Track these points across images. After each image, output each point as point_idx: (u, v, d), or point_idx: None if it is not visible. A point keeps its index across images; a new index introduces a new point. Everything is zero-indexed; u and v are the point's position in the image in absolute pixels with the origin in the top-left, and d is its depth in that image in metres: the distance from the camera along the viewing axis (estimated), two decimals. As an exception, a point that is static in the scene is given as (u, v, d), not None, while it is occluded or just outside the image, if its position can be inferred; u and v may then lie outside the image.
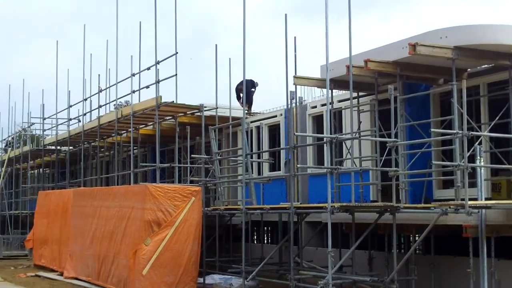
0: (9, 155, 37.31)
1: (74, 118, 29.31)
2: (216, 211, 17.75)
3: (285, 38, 15.16)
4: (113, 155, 28.16)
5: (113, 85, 23.69)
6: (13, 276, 20.66)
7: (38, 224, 25.04)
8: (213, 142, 18.54)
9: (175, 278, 15.77)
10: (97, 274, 18.11)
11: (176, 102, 19.65)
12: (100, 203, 18.95)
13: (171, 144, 22.69)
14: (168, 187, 16.51)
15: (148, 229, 15.78)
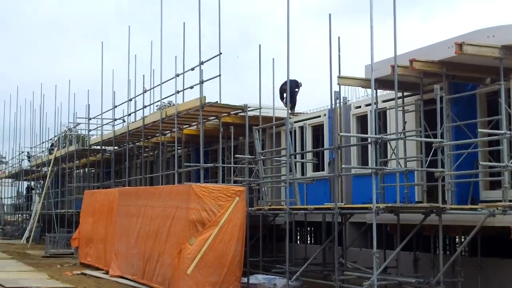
0: (55, 155, 37.87)
1: (119, 118, 29.73)
2: (260, 211, 17.76)
3: (329, 38, 15.10)
4: (157, 155, 28.38)
5: (157, 85, 23.94)
6: (60, 274, 20.93)
7: (83, 223, 25.32)
8: (257, 142, 18.55)
9: (219, 277, 15.81)
10: (142, 273, 18.26)
11: (220, 103, 19.75)
12: (145, 202, 19.12)
13: (215, 144, 22.81)
14: (213, 187, 16.57)
15: (192, 229, 15.85)
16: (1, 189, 55.19)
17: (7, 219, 51.53)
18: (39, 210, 38.52)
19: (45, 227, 37.98)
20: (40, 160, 42.39)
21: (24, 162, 47.61)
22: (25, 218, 46.79)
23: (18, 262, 25.39)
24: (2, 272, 21.12)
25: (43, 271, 21.99)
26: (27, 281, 18.88)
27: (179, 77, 21.87)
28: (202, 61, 20.08)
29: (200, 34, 20.15)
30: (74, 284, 18.43)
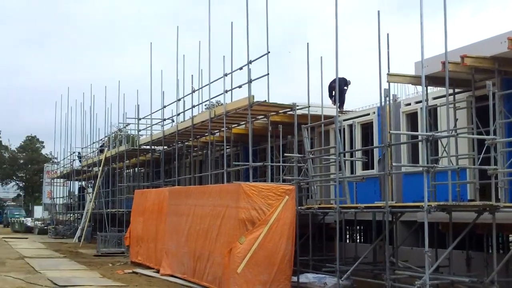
0: (106, 155, 38.37)
1: (168, 118, 29.99)
2: (309, 210, 17.71)
3: (378, 35, 14.99)
4: (206, 154, 28.54)
5: (206, 85, 24.05)
6: (112, 273, 21.20)
7: (134, 222, 25.58)
8: (305, 140, 18.50)
9: (269, 276, 15.82)
10: (192, 271, 18.38)
11: (268, 101, 19.76)
12: (195, 201, 19.23)
13: (263, 143, 22.84)
14: (262, 185, 16.58)
15: (242, 228, 15.90)
16: (53, 189, 56.14)
17: (59, 219, 52.34)
18: (90, 210, 39.09)
19: (96, 226, 38.55)
20: (91, 160, 43.00)
21: (75, 162, 48.39)
22: (76, 217, 47.51)
23: (70, 261, 25.79)
24: (55, 271, 21.48)
25: (95, 269, 22.31)
26: (79, 279, 19.17)
27: (227, 76, 21.97)
28: (250, 60, 20.14)
29: (248, 33, 20.21)
30: (125, 283, 18.64)
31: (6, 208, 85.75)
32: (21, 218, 62.62)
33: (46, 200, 61.40)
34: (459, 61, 13.59)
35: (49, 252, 30.37)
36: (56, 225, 49.14)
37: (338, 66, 16.25)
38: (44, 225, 52.29)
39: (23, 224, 55.41)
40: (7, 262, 24.98)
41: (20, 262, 24.96)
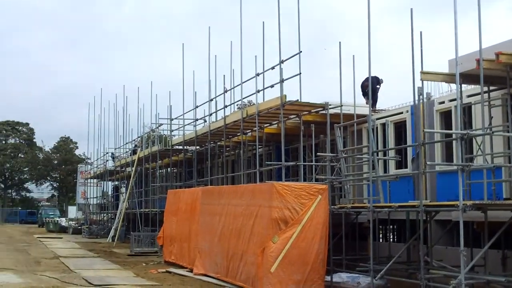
0: (139, 155, 38.62)
1: (200, 119, 30.09)
2: (342, 209, 17.65)
3: (411, 33, 14.88)
4: (238, 154, 28.59)
5: (238, 85, 24.08)
6: (145, 272, 21.35)
7: (167, 222, 25.71)
8: (338, 140, 18.45)
9: (302, 276, 15.81)
10: (225, 271, 18.42)
11: (301, 101, 19.72)
12: (227, 201, 19.27)
13: (295, 142, 22.79)
14: (295, 185, 16.56)
15: (275, 227, 15.91)
16: (86, 189, 56.66)
17: (93, 219, 52.82)
18: (124, 210, 39.38)
19: (129, 226, 38.82)
20: (124, 161, 43.31)
21: (108, 162, 48.77)
22: (110, 217, 47.89)
23: (104, 260, 26.03)
24: (90, 270, 21.70)
25: (129, 269, 22.49)
26: (114, 279, 19.35)
27: (259, 76, 21.98)
28: (282, 59, 20.12)
29: (280, 33, 20.21)
30: (159, 282, 18.76)
31: (41, 208, 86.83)
32: (55, 218, 63.36)
33: (80, 200, 62.00)
34: (493, 58, 13.41)
35: (83, 252, 30.68)
36: (90, 225, 49.60)
37: (371, 64, 16.17)
38: (78, 225, 52.84)
39: (57, 224, 56.03)
40: (42, 261, 25.31)
41: (55, 262, 25.26)
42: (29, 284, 17.82)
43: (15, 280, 18.76)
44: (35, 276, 20.03)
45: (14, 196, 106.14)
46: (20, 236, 47.43)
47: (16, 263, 24.50)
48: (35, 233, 53.05)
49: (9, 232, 54.31)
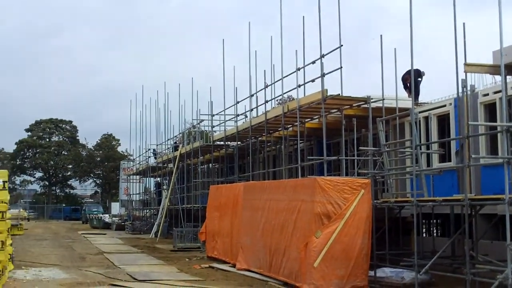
0: (180, 151, 38.86)
1: (241, 114, 30.20)
2: (385, 204, 17.51)
3: (454, 24, 14.67)
4: (279, 149, 28.58)
5: (278, 80, 24.06)
6: (189, 268, 21.47)
7: (210, 217, 25.80)
8: (381, 133, 18.28)
9: (346, 270, 15.74)
10: (268, 266, 18.43)
11: (342, 95, 19.62)
12: (269, 196, 19.27)
13: (337, 137, 22.70)
14: (337, 179, 16.48)
15: (318, 222, 15.85)
16: (129, 186, 57.20)
17: (136, 215, 53.30)
18: (166, 206, 39.65)
19: (172, 222, 39.08)
20: (166, 157, 43.60)
21: (150, 159, 49.14)
22: (153, 213, 48.25)
23: (148, 256, 26.24)
24: (134, 266, 21.90)
25: (172, 264, 22.64)
26: (157, 274, 19.49)
27: (299, 71, 21.93)
28: (322, 54, 20.05)
29: (320, 27, 20.13)
30: (203, 277, 18.84)
31: (85, 205, 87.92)
32: (99, 214, 64.14)
33: (123, 197, 62.62)
34: (539, 49, 13.17)
35: (127, 248, 30.98)
36: (133, 221, 50.04)
37: (413, 57, 15.99)
38: (121, 221, 53.32)
39: (101, 220, 56.66)
40: (87, 257, 25.64)
41: (99, 257, 25.56)
42: (75, 280, 18.05)
43: (61, 276, 19.04)
44: (80, 271, 20.30)
45: (58, 193, 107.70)
46: (64, 233, 48.10)
47: (62, 259, 24.86)
48: (79, 229, 53.76)
49: (54, 229, 55.13)
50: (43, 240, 37.33)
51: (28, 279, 18.02)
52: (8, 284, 16.69)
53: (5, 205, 16.20)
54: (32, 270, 20.21)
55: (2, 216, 15.89)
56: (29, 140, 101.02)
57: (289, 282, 16.75)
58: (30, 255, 25.92)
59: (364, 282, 15.95)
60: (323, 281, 15.56)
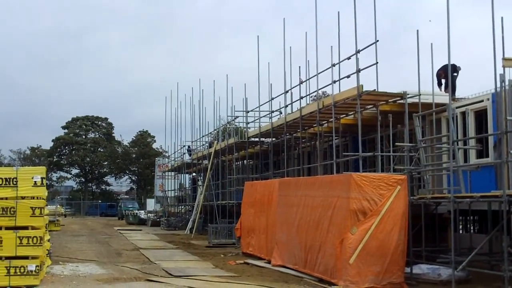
0: (215, 147, 38.97)
1: (276, 110, 30.16)
2: (421, 200, 17.37)
3: (491, 18, 14.50)
4: (314, 145, 28.51)
5: (313, 76, 24.01)
6: (224, 263, 21.53)
7: (245, 214, 25.84)
8: (417, 129, 18.14)
9: (381, 267, 15.66)
10: (303, 262, 18.41)
11: (378, 91, 19.50)
12: (305, 192, 19.23)
13: (372, 133, 22.55)
14: (373, 176, 16.40)
15: (353, 218, 15.79)
16: (164, 182, 57.50)
17: (171, 211, 53.57)
18: (201, 202, 39.80)
19: (207, 218, 39.22)
20: (201, 154, 43.75)
21: (185, 155, 49.32)
22: (188, 209, 48.46)
23: (183, 252, 26.36)
24: (170, 261, 22.02)
25: (208, 260, 22.71)
26: (193, 270, 19.57)
27: (335, 66, 21.85)
28: (358, 49, 19.94)
29: (356, 22, 20.02)
30: (238, 273, 18.88)
31: (120, 201, 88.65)
32: (134, 210, 64.60)
33: (158, 193, 62.92)
34: None
35: (162, 244, 31.15)
36: (168, 217, 50.32)
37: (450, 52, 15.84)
38: (157, 217, 53.66)
39: (137, 217, 57.07)
40: (123, 253, 25.85)
41: (135, 253, 25.75)
42: (112, 275, 18.21)
43: (98, 271, 19.22)
44: (116, 267, 20.47)
45: (94, 189, 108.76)
46: (101, 229, 48.55)
47: (98, 254, 25.11)
48: (115, 225, 54.24)
49: (90, 225, 55.67)
50: (79, 236, 37.73)
51: (66, 275, 18.23)
52: (46, 279, 16.89)
53: (43, 201, 16.38)
54: (69, 266, 20.43)
55: (40, 212, 16.06)
56: (65, 137, 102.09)
57: (325, 278, 16.71)
58: (67, 251, 26.22)
59: (400, 278, 15.86)
60: (359, 278, 15.50)
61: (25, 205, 15.88)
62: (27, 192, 16.13)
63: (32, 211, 15.91)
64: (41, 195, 16.34)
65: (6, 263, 15.51)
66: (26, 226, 15.85)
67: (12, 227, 15.77)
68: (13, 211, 15.77)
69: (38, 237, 15.87)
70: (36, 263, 15.71)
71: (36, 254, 15.82)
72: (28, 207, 15.90)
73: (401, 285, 15.78)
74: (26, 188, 16.11)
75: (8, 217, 15.75)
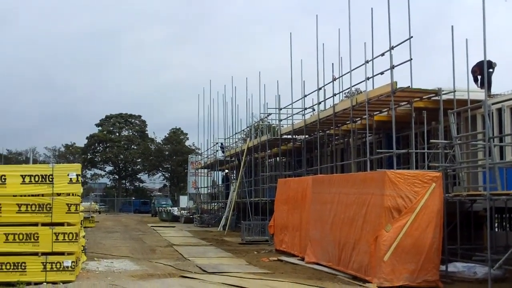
0: (248, 145, 39.01)
1: (309, 108, 30.08)
2: (456, 197, 17.21)
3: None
4: (347, 142, 28.40)
5: (347, 73, 23.92)
6: (257, 260, 21.55)
7: (278, 211, 25.82)
8: (452, 126, 17.96)
9: (416, 265, 15.57)
10: (337, 259, 18.35)
11: (412, 87, 19.36)
12: (338, 189, 19.15)
13: (406, 130, 22.42)
14: (408, 173, 16.29)
15: (388, 216, 15.71)
16: (197, 179, 57.71)
17: (204, 208, 53.71)
18: (234, 199, 39.87)
19: (240, 215, 39.27)
20: (233, 151, 43.81)
21: (218, 153, 49.46)
22: (220, 206, 48.57)
23: (216, 249, 26.44)
24: (203, 258, 22.11)
25: (241, 257, 22.75)
26: (227, 266, 19.61)
27: (368, 63, 21.73)
28: (392, 45, 19.81)
29: (390, 18, 19.90)
30: (271, 270, 18.89)
31: (154, 198, 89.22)
32: (168, 207, 64.90)
33: (191, 190, 63.18)
34: None
35: (195, 240, 31.27)
36: (201, 214, 50.47)
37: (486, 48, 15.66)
38: (190, 214, 53.86)
39: (170, 213, 57.32)
40: (157, 249, 26.00)
41: (169, 250, 25.90)
42: (146, 271, 18.33)
43: (132, 267, 19.36)
44: (150, 263, 20.61)
45: (127, 186, 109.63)
46: (134, 225, 48.88)
47: (133, 251, 25.29)
48: (149, 222, 54.55)
49: (124, 221, 56.07)
50: (114, 233, 38.03)
51: (101, 271, 18.39)
52: (82, 275, 17.06)
53: (78, 198, 16.54)
54: (104, 262, 20.60)
55: (76, 208, 16.23)
56: (99, 135, 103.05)
57: (359, 276, 16.65)
58: (101, 247, 26.44)
59: (435, 276, 15.73)
60: (393, 275, 15.44)
61: (61, 202, 16.06)
62: (62, 189, 16.30)
63: (68, 207, 16.09)
64: (76, 192, 16.51)
65: (43, 259, 15.71)
66: (62, 223, 16.02)
67: (48, 223, 15.95)
68: (49, 208, 15.96)
69: (74, 233, 16.04)
70: (71, 259, 15.89)
71: (72, 250, 16.00)
72: (64, 204, 16.08)
73: (436, 283, 15.66)
74: (62, 185, 16.28)
75: (44, 214, 15.95)
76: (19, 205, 15.90)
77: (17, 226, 15.85)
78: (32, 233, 15.78)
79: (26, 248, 15.73)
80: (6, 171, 16.48)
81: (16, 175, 16.24)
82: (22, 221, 15.88)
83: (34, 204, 15.93)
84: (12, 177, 16.20)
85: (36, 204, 15.93)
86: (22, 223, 15.88)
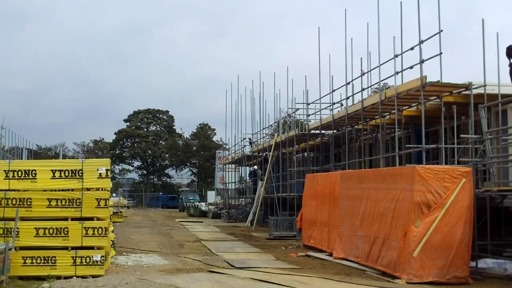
0: (276, 140, 38.97)
1: (337, 102, 29.98)
2: (487, 193, 17.03)
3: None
4: (376, 137, 28.24)
5: (375, 67, 23.75)
6: (285, 256, 21.53)
7: (306, 206, 25.77)
8: (483, 121, 17.78)
9: (446, 261, 15.43)
10: (366, 255, 18.26)
11: (441, 81, 19.18)
12: (368, 185, 19.05)
13: (435, 124, 22.25)
14: (437, 168, 16.15)
15: (417, 211, 15.60)
16: (224, 174, 57.83)
17: (231, 203, 53.80)
18: (262, 194, 39.87)
19: (267, 210, 39.26)
20: (261, 146, 43.80)
21: (246, 148, 49.51)
22: (248, 202, 48.62)
23: (244, 244, 26.45)
24: (231, 253, 22.16)
25: (269, 252, 22.76)
26: (254, 261, 19.64)
27: (397, 57, 21.57)
28: (421, 39, 19.65)
29: (419, 12, 19.72)
30: (299, 265, 18.87)
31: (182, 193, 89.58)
32: (195, 202, 65.16)
33: (219, 185, 63.28)
34: None
35: (223, 235, 31.32)
36: (229, 209, 50.56)
37: None
38: (217, 209, 53.96)
39: (198, 209, 57.52)
40: (185, 244, 26.09)
41: (197, 245, 25.98)
42: (174, 266, 18.42)
43: (161, 262, 19.45)
44: (179, 258, 20.70)
45: (155, 181, 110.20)
46: (162, 220, 49.09)
47: (161, 245, 25.40)
48: (177, 217, 54.80)
49: (152, 216, 56.37)
50: (142, 227, 38.24)
51: (130, 265, 18.50)
52: (111, 270, 17.18)
53: (108, 192, 16.64)
54: (132, 256, 20.73)
55: (105, 203, 16.33)
56: (127, 130, 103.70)
57: (388, 271, 16.56)
58: (130, 242, 26.61)
59: (465, 272, 15.59)
60: (423, 271, 15.33)
61: (90, 197, 16.18)
62: (92, 184, 16.41)
63: (97, 202, 16.20)
64: (105, 186, 16.61)
65: (73, 253, 15.85)
66: (91, 217, 16.14)
67: (78, 218, 16.09)
68: (79, 202, 16.08)
69: (103, 228, 16.15)
70: (101, 254, 16.01)
71: (101, 245, 16.12)
72: (93, 198, 16.19)
73: (466, 279, 15.52)
74: (91, 179, 16.39)
75: (74, 208, 16.08)
76: (49, 199, 16.06)
77: (48, 221, 16.02)
78: (62, 227, 15.94)
79: (56, 242, 15.90)
80: (37, 166, 16.64)
81: (47, 170, 16.40)
82: (52, 216, 16.05)
83: (64, 199, 16.08)
84: (42, 172, 16.36)
85: (66, 198, 16.07)
86: (52, 217, 16.05)
